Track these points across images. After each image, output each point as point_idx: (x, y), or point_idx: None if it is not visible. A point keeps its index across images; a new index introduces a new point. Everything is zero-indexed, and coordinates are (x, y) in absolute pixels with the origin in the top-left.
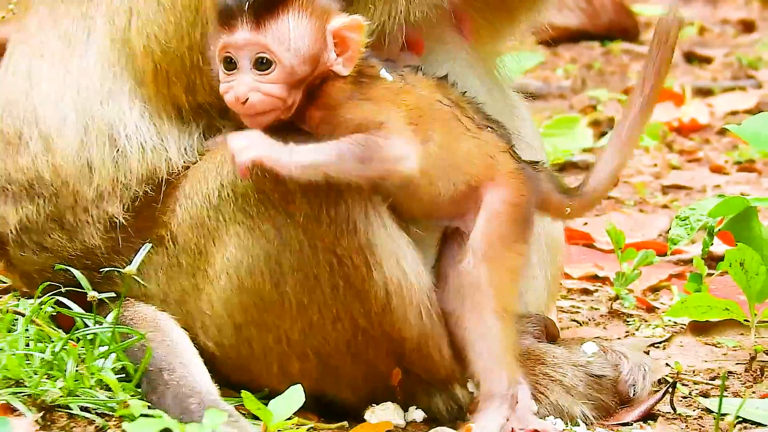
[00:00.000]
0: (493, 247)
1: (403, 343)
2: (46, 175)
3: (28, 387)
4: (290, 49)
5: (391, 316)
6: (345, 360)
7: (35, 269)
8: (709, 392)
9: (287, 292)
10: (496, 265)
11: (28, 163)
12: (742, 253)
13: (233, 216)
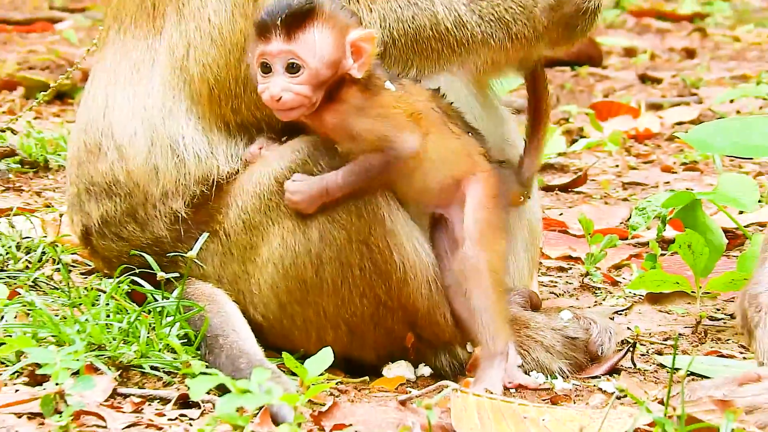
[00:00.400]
0: (484, 233)
1: (416, 312)
2: (121, 178)
3: (108, 350)
4: (316, 55)
5: (407, 290)
6: (369, 328)
7: (114, 255)
8: (662, 351)
9: (325, 277)
10: (488, 248)
11: (106, 169)
12: (689, 237)
13: (278, 217)
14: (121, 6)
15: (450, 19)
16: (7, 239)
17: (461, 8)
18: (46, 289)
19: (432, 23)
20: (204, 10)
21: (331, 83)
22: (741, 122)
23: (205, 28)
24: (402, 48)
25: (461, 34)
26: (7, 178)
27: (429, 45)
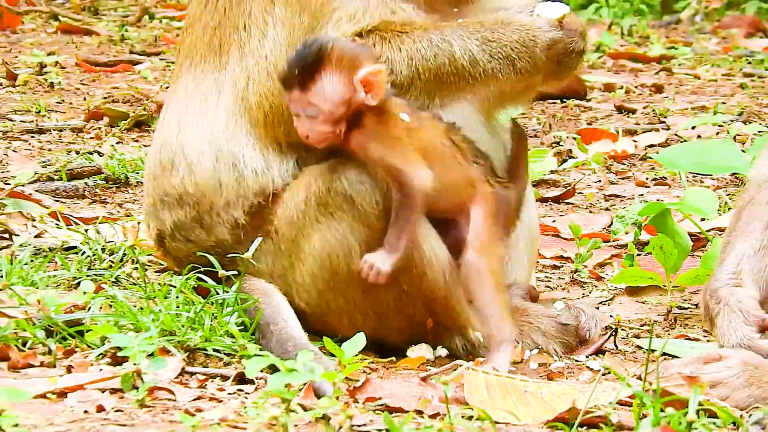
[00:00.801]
0: (483, 242)
1: (434, 300)
2: (190, 190)
3: (178, 336)
4: (327, 100)
5: (425, 281)
6: (393, 313)
7: (183, 255)
8: (640, 335)
9: (354, 267)
10: (487, 254)
11: (178, 182)
12: (661, 240)
13: (317, 216)
14: (192, 46)
15: (465, 58)
16: (94, 243)
17: (474, 48)
18: (126, 284)
19: (450, 61)
20: (262, 49)
21: (351, 113)
22: (702, 145)
23: (262, 64)
24: (426, 81)
25: (474, 70)
26: (94, 192)
27: (448, 79)
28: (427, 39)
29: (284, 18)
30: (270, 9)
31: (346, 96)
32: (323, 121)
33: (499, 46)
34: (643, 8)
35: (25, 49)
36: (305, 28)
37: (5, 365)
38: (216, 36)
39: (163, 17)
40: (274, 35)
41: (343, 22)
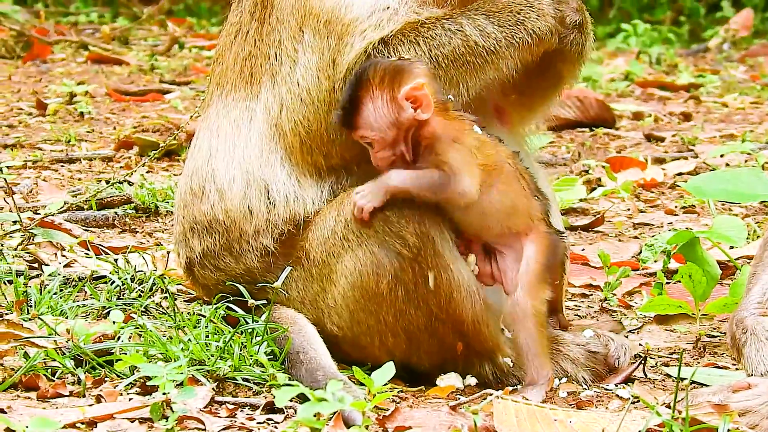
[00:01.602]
0: (533, 284)
1: (463, 324)
2: (220, 217)
3: (207, 365)
4: (374, 129)
5: (454, 303)
6: (424, 336)
7: (212, 283)
8: (669, 363)
9: (384, 288)
10: (535, 297)
11: (208, 209)
12: (690, 268)
13: (348, 239)
14: (223, 75)
15: (477, 33)
16: (124, 272)
17: (483, 22)
18: (156, 314)
19: (463, 41)
20: (293, 76)
21: (408, 132)
22: (730, 173)
23: (295, 91)
24: (447, 68)
25: (488, 42)
26: (124, 221)
27: (465, 59)
28: (439, 26)
29: (313, 44)
30: (299, 37)
31: (392, 117)
32: (380, 147)
33: (507, 13)
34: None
35: (55, 79)
36: (333, 50)
37: (35, 395)
38: (247, 66)
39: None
40: (305, 61)
41: (368, 32)
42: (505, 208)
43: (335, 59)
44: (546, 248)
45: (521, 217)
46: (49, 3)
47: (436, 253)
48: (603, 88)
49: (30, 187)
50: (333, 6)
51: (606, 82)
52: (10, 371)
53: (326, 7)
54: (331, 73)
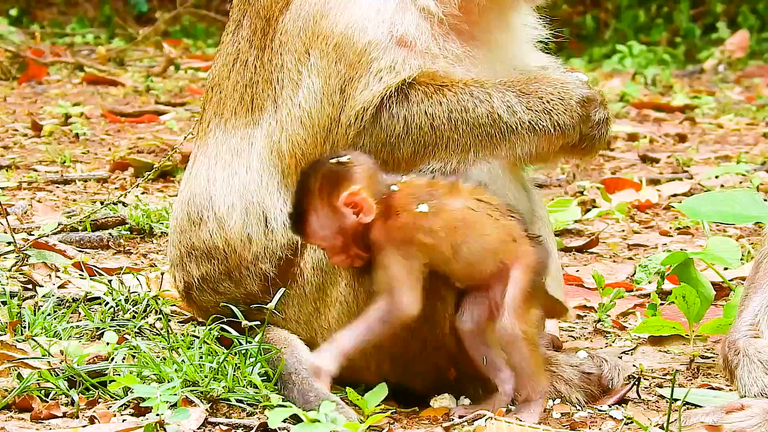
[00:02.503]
0: (520, 305)
1: (455, 351)
2: (219, 245)
3: (201, 386)
4: (321, 237)
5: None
6: (419, 361)
7: (210, 305)
8: (662, 384)
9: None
10: (523, 318)
11: (206, 236)
12: (684, 289)
13: None
14: (222, 103)
15: (503, 108)
16: (117, 294)
17: (512, 100)
18: (149, 335)
19: (489, 112)
20: (295, 98)
21: (355, 235)
22: (725, 195)
23: (295, 113)
24: (462, 134)
25: (512, 120)
26: (119, 242)
27: (484, 130)
28: (468, 92)
29: (320, 67)
30: (304, 59)
31: (336, 224)
32: (332, 252)
33: (536, 98)
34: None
35: (50, 100)
36: (342, 77)
37: (28, 416)
38: (247, 93)
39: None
40: (309, 84)
41: (384, 74)
42: (488, 248)
43: (344, 88)
44: (531, 266)
45: (507, 245)
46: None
47: (431, 285)
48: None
49: (24, 208)
50: (345, 29)
51: None
52: (3, 392)
53: (337, 29)
54: (336, 101)
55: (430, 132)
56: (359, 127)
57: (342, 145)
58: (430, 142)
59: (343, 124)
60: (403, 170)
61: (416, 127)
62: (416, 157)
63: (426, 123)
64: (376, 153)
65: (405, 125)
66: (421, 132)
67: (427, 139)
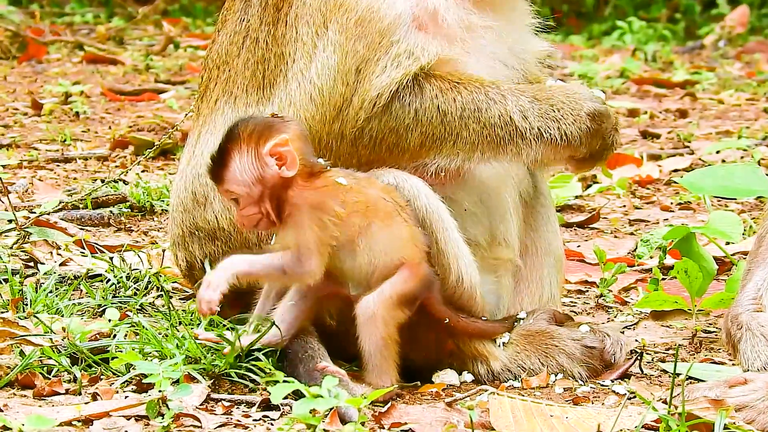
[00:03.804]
0: (391, 297)
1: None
2: (224, 225)
3: (203, 363)
4: (240, 184)
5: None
6: (422, 331)
7: None
8: (665, 359)
9: None
10: (387, 309)
11: (211, 218)
12: (686, 264)
13: None
14: (231, 81)
15: (516, 112)
16: (119, 271)
17: (526, 104)
18: (151, 311)
19: (500, 113)
20: (307, 72)
21: (273, 189)
22: (726, 169)
23: (306, 88)
24: (471, 132)
25: (523, 125)
26: (119, 220)
27: (494, 131)
28: (483, 92)
29: (337, 42)
30: (322, 32)
31: (256, 173)
32: (245, 204)
33: (548, 106)
34: (666, 34)
35: (50, 79)
36: (360, 57)
37: (30, 393)
38: (259, 70)
39: (187, 46)
40: (323, 59)
41: (402, 59)
42: (391, 242)
43: (360, 69)
44: (420, 276)
45: (409, 245)
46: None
47: (439, 251)
48: (599, 86)
49: (25, 186)
50: (369, 4)
51: (602, 79)
52: (6, 369)
53: (362, 3)
54: (351, 81)
55: (440, 127)
56: (370, 112)
57: (350, 125)
58: (438, 136)
59: (354, 105)
60: (406, 160)
61: (427, 120)
62: (422, 149)
63: (437, 118)
64: (383, 138)
65: (415, 116)
66: (431, 125)
67: (437, 133)
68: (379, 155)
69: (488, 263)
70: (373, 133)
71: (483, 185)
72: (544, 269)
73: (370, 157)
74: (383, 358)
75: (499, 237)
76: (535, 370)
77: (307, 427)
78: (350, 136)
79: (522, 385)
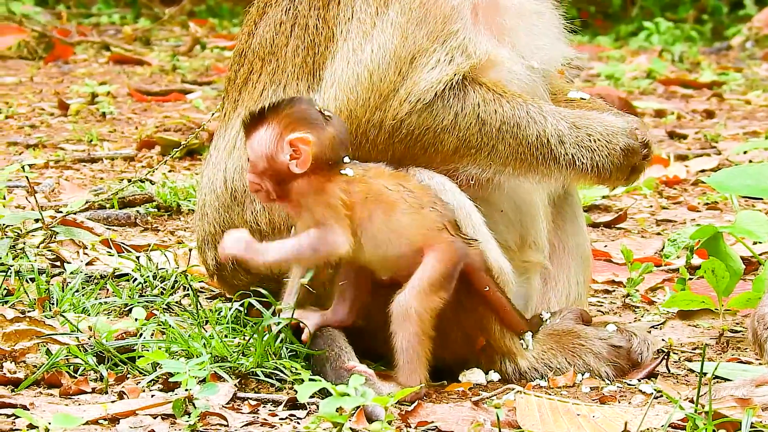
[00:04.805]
0: (424, 288)
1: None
2: (262, 225)
3: (230, 362)
4: (254, 150)
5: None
6: (452, 327)
7: (242, 285)
8: (692, 358)
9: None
10: (422, 301)
11: (250, 217)
12: (713, 263)
13: None
14: (279, 69)
15: (554, 136)
16: (146, 270)
17: (564, 130)
18: (178, 311)
19: (539, 134)
20: (361, 51)
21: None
22: (753, 168)
23: (355, 69)
24: (507, 147)
25: (558, 150)
26: (146, 220)
27: (529, 150)
28: (525, 109)
29: (398, 24)
30: (382, 11)
31: (269, 151)
32: (250, 170)
33: (585, 134)
34: (693, 35)
35: (77, 79)
36: (419, 47)
37: (57, 391)
38: (309, 56)
39: (214, 47)
40: (382, 40)
41: (456, 55)
42: (395, 229)
43: (415, 58)
44: (447, 256)
45: (418, 232)
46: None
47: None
48: (625, 86)
49: (52, 186)
50: None
51: (628, 80)
52: (32, 368)
53: None
54: (404, 69)
55: (477, 135)
56: (413, 106)
57: (391, 117)
58: (474, 144)
59: (400, 96)
60: (439, 163)
61: (465, 126)
62: (456, 154)
63: (475, 125)
64: (419, 136)
65: (454, 120)
66: (468, 132)
67: (473, 141)
68: (413, 152)
69: (518, 266)
70: (411, 129)
71: (515, 188)
72: (572, 269)
73: (405, 153)
74: (416, 355)
75: (529, 240)
76: (562, 369)
77: (334, 426)
78: (388, 128)
79: (549, 384)
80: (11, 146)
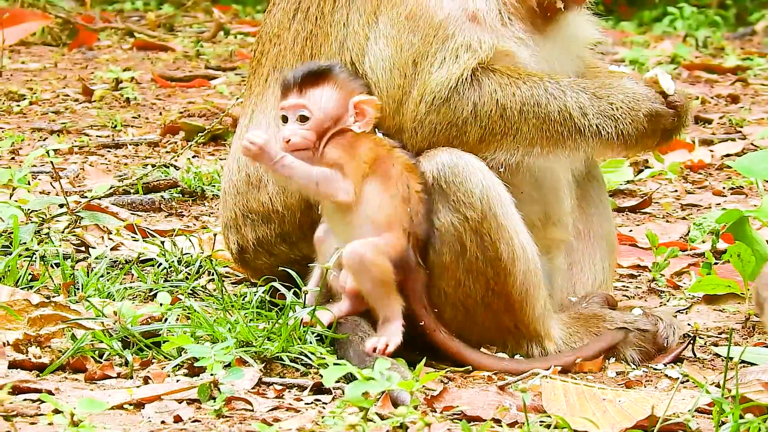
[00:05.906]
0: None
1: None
2: (279, 208)
3: (255, 346)
4: (321, 108)
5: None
6: (480, 309)
7: (265, 267)
8: (718, 343)
9: (445, 259)
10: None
11: (266, 200)
12: (739, 247)
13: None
14: (281, 56)
15: (576, 108)
16: (171, 255)
17: (585, 102)
18: (203, 295)
19: (560, 110)
20: (361, 66)
21: (335, 132)
22: None
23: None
24: (531, 127)
25: (582, 122)
26: (170, 205)
27: (553, 127)
28: (543, 87)
29: (388, 35)
30: (372, 23)
31: (338, 112)
32: (311, 127)
33: (607, 104)
34: (717, 20)
35: (101, 65)
36: (415, 51)
37: (82, 376)
38: (308, 46)
39: (237, 33)
40: (377, 52)
41: (461, 52)
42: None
43: (417, 61)
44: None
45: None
46: None
47: (498, 225)
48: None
49: (77, 171)
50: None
51: (653, 65)
52: (57, 353)
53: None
54: (409, 73)
55: (499, 121)
56: (430, 105)
57: (410, 119)
58: (498, 131)
59: (414, 98)
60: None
61: (485, 114)
62: (482, 143)
63: (496, 112)
64: (443, 131)
65: (474, 110)
66: (490, 120)
67: (496, 128)
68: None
69: (542, 243)
70: (433, 126)
71: (538, 165)
72: (597, 253)
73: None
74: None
75: (553, 217)
76: None
77: (360, 410)
78: (410, 130)
79: (575, 369)
80: (36, 132)
